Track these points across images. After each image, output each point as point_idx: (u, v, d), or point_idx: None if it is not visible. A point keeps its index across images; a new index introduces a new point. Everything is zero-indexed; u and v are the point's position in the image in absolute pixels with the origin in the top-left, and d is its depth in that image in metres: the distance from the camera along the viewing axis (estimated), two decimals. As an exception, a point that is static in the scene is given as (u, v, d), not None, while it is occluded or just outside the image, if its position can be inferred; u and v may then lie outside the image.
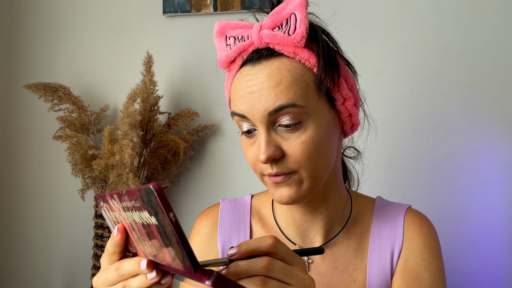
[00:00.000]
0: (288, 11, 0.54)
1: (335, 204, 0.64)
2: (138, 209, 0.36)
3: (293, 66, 0.55)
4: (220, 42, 0.60)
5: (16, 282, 1.40)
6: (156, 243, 0.36)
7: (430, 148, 1.13)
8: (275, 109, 0.53)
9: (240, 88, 0.56)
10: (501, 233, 1.08)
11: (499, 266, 1.08)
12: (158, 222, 0.33)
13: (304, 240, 0.65)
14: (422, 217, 0.67)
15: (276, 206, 0.68)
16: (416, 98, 1.15)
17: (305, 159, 0.55)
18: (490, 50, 1.11)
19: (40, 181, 1.39)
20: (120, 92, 1.33)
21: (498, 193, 1.09)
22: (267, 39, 0.55)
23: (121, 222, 0.42)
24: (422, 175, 1.14)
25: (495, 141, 1.10)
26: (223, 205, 0.71)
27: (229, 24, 0.60)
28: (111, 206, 0.42)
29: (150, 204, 0.33)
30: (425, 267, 0.62)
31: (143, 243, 0.39)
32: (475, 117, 1.11)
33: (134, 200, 0.35)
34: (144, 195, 0.33)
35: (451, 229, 1.11)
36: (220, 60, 0.60)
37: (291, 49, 0.55)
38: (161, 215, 0.32)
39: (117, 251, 0.43)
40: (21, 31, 1.41)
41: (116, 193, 0.40)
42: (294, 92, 0.54)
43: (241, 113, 0.56)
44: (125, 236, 0.42)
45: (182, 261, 0.33)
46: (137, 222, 0.37)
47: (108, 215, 0.46)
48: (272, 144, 0.54)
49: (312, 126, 0.55)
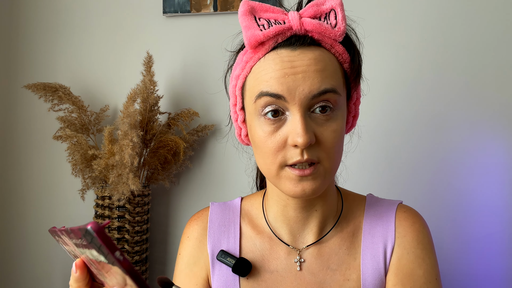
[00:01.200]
0: (328, 7, 0.56)
1: (331, 201, 0.65)
2: (86, 247, 0.35)
3: (331, 57, 0.57)
4: (249, 20, 0.57)
5: (16, 282, 1.40)
6: (114, 278, 0.35)
7: (429, 148, 1.13)
8: (320, 92, 0.54)
9: (278, 68, 0.55)
10: (501, 233, 1.08)
11: (499, 266, 1.08)
12: (107, 260, 0.33)
13: (297, 239, 0.65)
14: (414, 213, 0.66)
15: (269, 206, 0.67)
16: (414, 98, 1.15)
17: (333, 147, 0.56)
18: (490, 50, 1.11)
19: (40, 181, 1.39)
20: (120, 92, 1.33)
21: (498, 193, 1.09)
22: (308, 27, 0.56)
23: (79, 256, 0.41)
24: (421, 176, 1.14)
25: (495, 142, 1.10)
26: (212, 208, 0.72)
27: (260, 6, 0.58)
28: (65, 241, 0.41)
29: (94, 243, 0.32)
30: (419, 264, 0.62)
31: (103, 276, 0.38)
32: (475, 117, 1.11)
33: (79, 239, 0.35)
34: (86, 235, 0.32)
35: (450, 229, 1.11)
36: (252, 37, 0.56)
37: (329, 41, 0.57)
38: (107, 254, 0.32)
39: (81, 285, 0.42)
40: (21, 31, 1.41)
41: (64, 230, 0.38)
42: (336, 80, 0.56)
43: (277, 93, 0.54)
44: (85, 271, 0.41)
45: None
46: (90, 258, 0.37)
47: (66, 248, 0.44)
48: (310, 129, 0.54)
49: (340, 117, 0.57)
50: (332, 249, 0.64)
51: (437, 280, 0.62)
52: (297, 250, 0.64)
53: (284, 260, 0.64)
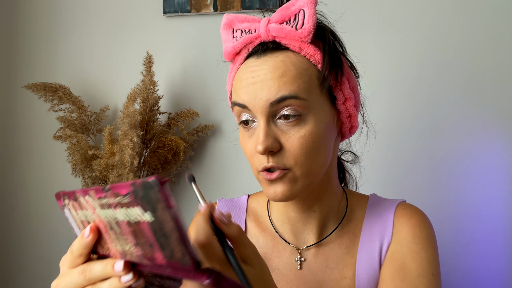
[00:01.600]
0: (297, 7, 0.55)
1: (329, 203, 0.65)
2: (126, 205, 0.34)
3: (298, 60, 0.55)
4: (227, 34, 0.61)
5: (16, 282, 1.40)
6: (144, 242, 0.34)
7: (429, 149, 1.13)
8: (277, 100, 0.53)
9: (243, 78, 0.56)
10: (501, 233, 1.08)
11: (499, 266, 1.08)
12: (154, 219, 0.32)
13: (298, 239, 0.65)
14: (414, 209, 0.65)
15: (272, 206, 0.68)
16: (415, 100, 1.15)
17: (302, 154, 0.55)
18: (490, 50, 1.11)
19: (40, 181, 1.39)
20: (120, 92, 1.33)
21: (498, 193, 1.09)
22: (274, 33, 0.56)
23: (93, 221, 0.40)
24: (421, 176, 1.14)
25: (495, 142, 1.10)
26: (219, 204, 0.73)
27: (237, 18, 0.60)
28: (81, 204, 0.40)
29: (147, 199, 0.31)
30: (412, 257, 0.59)
31: (122, 242, 0.37)
32: (474, 117, 1.11)
33: (122, 196, 0.33)
34: (141, 189, 0.31)
35: (450, 229, 1.11)
36: (225, 51, 0.60)
37: (297, 44, 0.55)
38: (160, 211, 0.31)
39: (84, 253, 0.41)
40: (21, 31, 1.41)
41: (93, 189, 0.37)
42: (298, 85, 0.54)
43: (242, 103, 0.56)
44: (96, 237, 0.40)
45: (180, 260, 0.32)
46: (120, 220, 0.35)
47: (74, 214, 0.43)
48: (270, 135, 0.54)
49: (312, 122, 0.55)
50: (332, 249, 0.64)
51: (433, 276, 0.59)
52: (298, 249, 0.65)
53: (286, 259, 0.65)
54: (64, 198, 0.42)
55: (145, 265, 0.36)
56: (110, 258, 0.39)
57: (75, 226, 0.44)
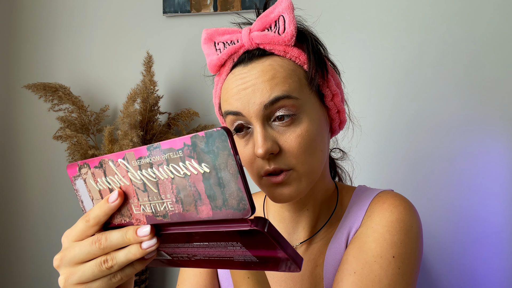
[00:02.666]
0: (276, 14, 0.57)
1: (322, 200, 0.66)
2: (175, 161, 0.34)
3: (285, 63, 0.57)
4: (209, 48, 0.62)
5: (16, 282, 1.40)
6: (190, 196, 0.34)
7: (429, 148, 1.13)
8: (271, 101, 0.54)
9: (233, 86, 0.57)
10: (501, 233, 1.08)
11: (499, 266, 1.08)
12: (210, 170, 0.32)
13: (292, 237, 0.66)
14: (392, 195, 0.62)
15: (269, 206, 0.70)
16: (414, 98, 1.15)
17: (302, 152, 0.55)
18: (490, 49, 1.11)
19: (40, 181, 1.39)
20: (120, 92, 1.33)
21: (497, 193, 1.09)
22: (257, 40, 0.57)
23: (120, 186, 0.39)
24: (421, 175, 1.14)
25: (494, 141, 1.10)
26: None
27: (217, 31, 0.61)
28: (108, 169, 0.39)
29: (208, 150, 0.32)
30: (374, 238, 0.56)
31: (156, 203, 0.37)
32: (474, 117, 1.11)
33: (175, 151, 0.34)
34: (202, 140, 0.32)
35: (450, 229, 1.11)
36: (210, 64, 0.61)
37: (281, 48, 0.57)
38: (223, 159, 0.32)
39: (101, 222, 0.40)
40: (21, 31, 1.41)
41: (132, 151, 0.37)
42: (289, 85, 0.55)
43: (235, 110, 0.56)
44: (122, 202, 0.39)
45: (235, 207, 0.32)
46: (162, 178, 0.35)
47: (91, 184, 0.41)
48: (269, 138, 0.55)
49: (306, 120, 0.56)
50: (318, 243, 0.65)
51: (394, 259, 0.54)
52: None
53: None
54: (82, 167, 0.41)
55: (176, 225, 0.36)
56: (127, 226, 0.39)
57: (86, 199, 0.43)
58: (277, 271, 0.38)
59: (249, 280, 0.50)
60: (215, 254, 0.39)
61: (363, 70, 1.17)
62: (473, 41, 1.12)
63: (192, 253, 0.40)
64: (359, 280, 0.53)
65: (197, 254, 0.40)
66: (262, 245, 0.35)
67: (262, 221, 0.33)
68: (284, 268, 0.38)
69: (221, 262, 0.40)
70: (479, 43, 1.12)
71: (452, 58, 1.13)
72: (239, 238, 0.34)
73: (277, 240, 0.34)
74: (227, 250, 0.37)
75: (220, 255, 0.39)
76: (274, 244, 0.34)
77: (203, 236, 0.36)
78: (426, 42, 1.14)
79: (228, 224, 0.33)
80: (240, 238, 0.34)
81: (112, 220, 0.40)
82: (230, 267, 0.40)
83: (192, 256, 0.41)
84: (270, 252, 0.35)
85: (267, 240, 0.34)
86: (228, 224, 0.33)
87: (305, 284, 0.63)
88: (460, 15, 1.13)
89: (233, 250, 0.37)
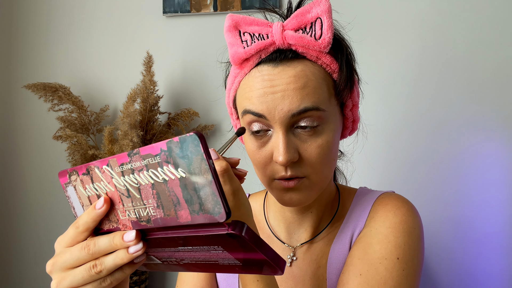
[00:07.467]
0: (313, 15, 0.54)
1: (326, 202, 0.66)
2: (154, 166, 0.34)
3: (316, 70, 0.55)
4: (233, 36, 0.57)
5: (16, 282, 1.40)
6: (169, 201, 0.35)
7: (428, 149, 1.13)
8: (299, 111, 0.53)
9: (259, 87, 0.54)
10: (501, 233, 1.08)
11: (499, 266, 1.08)
12: (187, 174, 0.33)
13: (292, 238, 0.66)
14: (395, 197, 0.63)
15: (269, 206, 0.70)
16: (414, 99, 1.15)
17: (319, 162, 0.55)
18: (490, 50, 1.11)
19: (40, 181, 1.39)
20: (120, 92, 1.33)
21: (497, 193, 1.09)
22: (291, 41, 0.54)
23: (106, 193, 0.39)
24: (420, 176, 1.14)
25: (494, 141, 1.10)
26: None
27: (244, 20, 0.57)
28: (95, 175, 0.40)
29: (183, 155, 0.32)
30: (378, 239, 0.57)
31: (139, 209, 0.37)
32: (474, 117, 1.11)
33: (153, 156, 0.34)
34: (177, 146, 0.32)
35: (450, 229, 1.11)
36: (235, 55, 0.56)
37: (314, 54, 0.55)
38: (197, 164, 0.32)
39: (90, 228, 0.40)
40: (21, 31, 1.41)
41: (114, 157, 0.37)
42: (318, 96, 0.54)
43: (259, 112, 0.54)
44: (109, 208, 0.39)
45: (211, 211, 0.32)
46: (143, 184, 0.36)
47: (80, 191, 0.42)
48: (291, 147, 0.54)
49: (327, 131, 0.55)
50: (319, 244, 0.65)
51: (399, 260, 0.55)
52: (291, 247, 0.66)
53: None
54: (72, 174, 0.42)
55: (160, 230, 0.36)
56: (115, 232, 0.39)
57: (77, 205, 0.44)
58: (261, 274, 0.38)
59: (259, 283, 0.51)
60: (201, 258, 0.39)
61: (363, 72, 1.17)
62: (473, 41, 1.12)
63: (180, 257, 0.41)
64: (365, 282, 0.54)
65: (184, 258, 0.41)
66: (242, 248, 0.35)
67: (240, 225, 0.33)
68: (269, 271, 0.38)
69: (207, 265, 0.40)
70: (479, 43, 1.12)
71: (452, 59, 1.13)
72: (219, 242, 0.35)
73: (255, 243, 0.34)
74: (210, 254, 0.38)
75: (205, 258, 0.39)
76: (254, 247, 0.34)
77: (185, 240, 0.36)
78: (425, 45, 1.14)
79: (206, 228, 0.34)
80: (220, 242, 0.35)
81: (102, 225, 0.41)
82: (216, 271, 0.41)
83: (180, 260, 0.42)
84: (251, 255, 0.36)
85: (246, 244, 0.34)
86: (207, 228, 0.34)
87: (307, 285, 0.63)
88: (458, 15, 1.13)
89: (216, 254, 0.37)
